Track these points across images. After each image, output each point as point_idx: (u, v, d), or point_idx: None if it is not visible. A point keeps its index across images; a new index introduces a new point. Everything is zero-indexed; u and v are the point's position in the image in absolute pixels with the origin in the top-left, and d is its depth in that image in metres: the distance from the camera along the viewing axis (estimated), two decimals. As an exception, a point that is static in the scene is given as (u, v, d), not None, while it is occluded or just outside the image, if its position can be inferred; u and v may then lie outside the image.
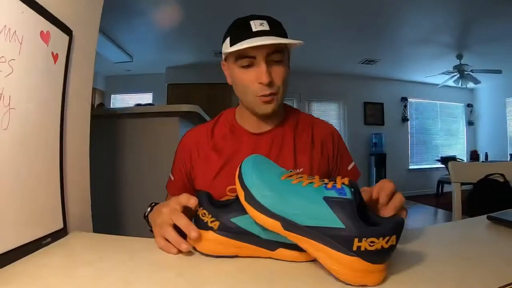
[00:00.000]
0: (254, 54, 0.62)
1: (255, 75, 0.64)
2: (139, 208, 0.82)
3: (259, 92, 0.65)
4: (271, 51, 0.63)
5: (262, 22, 0.63)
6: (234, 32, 0.65)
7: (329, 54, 4.43)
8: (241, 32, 0.62)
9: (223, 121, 0.78)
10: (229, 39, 0.65)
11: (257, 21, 0.63)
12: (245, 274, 0.41)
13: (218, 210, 0.47)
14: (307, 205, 0.39)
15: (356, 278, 0.36)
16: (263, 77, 0.62)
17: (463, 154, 6.17)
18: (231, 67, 0.68)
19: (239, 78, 0.66)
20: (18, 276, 0.41)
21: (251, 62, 0.63)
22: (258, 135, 0.74)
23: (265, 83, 0.63)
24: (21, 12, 0.49)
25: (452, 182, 1.23)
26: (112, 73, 5.17)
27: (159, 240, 0.50)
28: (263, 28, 0.62)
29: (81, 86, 0.73)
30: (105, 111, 2.20)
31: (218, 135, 0.75)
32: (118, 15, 3.15)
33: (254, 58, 0.63)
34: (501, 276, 0.38)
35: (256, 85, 0.64)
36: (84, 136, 0.75)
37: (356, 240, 0.36)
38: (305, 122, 0.78)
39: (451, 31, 3.53)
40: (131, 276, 0.40)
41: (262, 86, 0.64)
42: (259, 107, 0.67)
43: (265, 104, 0.66)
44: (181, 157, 0.77)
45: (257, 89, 0.65)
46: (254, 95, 0.66)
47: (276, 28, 0.64)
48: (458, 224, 0.75)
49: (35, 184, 0.54)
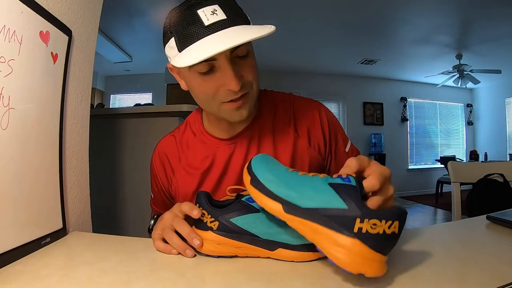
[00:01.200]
0: (214, 57, 0.46)
1: (220, 81, 0.51)
2: (138, 208, 0.82)
3: (227, 98, 0.53)
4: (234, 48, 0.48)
5: (214, 8, 0.47)
6: (180, 29, 0.49)
7: (328, 54, 4.43)
8: (190, 28, 0.47)
9: (190, 129, 0.68)
10: (173, 40, 0.50)
11: (207, 9, 0.47)
12: (244, 274, 0.41)
13: (218, 210, 0.47)
14: (311, 189, 0.39)
15: (355, 264, 0.35)
16: (232, 84, 0.50)
17: (463, 154, 6.18)
18: (185, 74, 0.55)
19: (197, 87, 0.54)
20: (18, 276, 0.41)
21: (211, 65, 0.50)
22: (232, 139, 0.63)
23: (236, 89, 0.50)
24: (20, 12, 0.49)
25: (451, 182, 1.23)
26: (111, 73, 5.17)
27: (158, 243, 0.49)
28: (218, 18, 0.47)
29: (80, 86, 0.73)
30: (104, 111, 2.20)
31: (188, 148, 0.66)
32: (118, 15, 3.15)
33: (215, 60, 0.49)
34: (501, 276, 0.38)
35: (222, 92, 0.52)
36: (84, 136, 0.75)
37: (358, 221, 0.35)
38: (284, 106, 0.66)
39: (451, 31, 3.54)
40: (131, 276, 0.40)
41: (231, 92, 0.51)
42: (230, 115, 0.56)
43: (236, 110, 0.54)
44: (155, 174, 0.70)
45: (223, 95, 0.52)
46: (220, 102, 0.53)
47: (233, 14, 0.49)
48: (458, 224, 0.75)
49: (35, 184, 0.54)
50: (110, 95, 5.41)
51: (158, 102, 5.00)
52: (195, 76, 0.52)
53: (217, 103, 0.54)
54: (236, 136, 0.63)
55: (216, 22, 0.47)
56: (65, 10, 0.64)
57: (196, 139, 0.66)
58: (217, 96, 0.53)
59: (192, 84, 0.55)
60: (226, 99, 0.53)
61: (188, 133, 0.67)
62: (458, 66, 4.34)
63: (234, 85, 0.50)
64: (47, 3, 0.58)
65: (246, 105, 0.55)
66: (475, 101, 6.30)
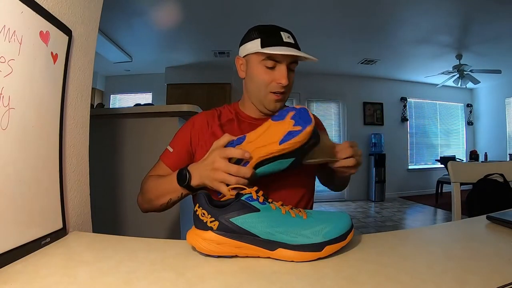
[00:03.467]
0: (280, 59, 0.73)
1: (276, 76, 0.74)
2: (138, 208, 0.83)
3: (274, 89, 0.75)
4: (292, 61, 0.74)
5: (289, 35, 0.75)
6: (265, 36, 0.74)
7: (328, 54, 4.44)
8: (273, 39, 0.73)
9: (227, 109, 0.87)
10: (259, 40, 0.74)
11: (285, 33, 0.75)
12: (244, 274, 0.41)
13: (218, 210, 0.47)
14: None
15: None
16: (283, 79, 0.73)
17: (463, 154, 6.18)
18: (253, 64, 0.76)
19: (260, 75, 0.75)
20: (18, 276, 0.41)
21: (275, 64, 0.74)
22: (259, 119, 0.82)
23: (285, 84, 0.73)
24: (20, 12, 0.49)
25: (451, 182, 1.23)
26: (111, 73, 5.17)
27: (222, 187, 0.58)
28: (290, 41, 0.74)
29: (80, 86, 0.73)
30: (104, 111, 2.20)
31: (225, 119, 0.84)
32: (118, 15, 3.15)
33: (279, 62, 0.73)
34: (501, 276, 0.38)
35: (273, 84, 0.75)
36: (84, 136, 0.75)
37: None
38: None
39: (451, 31, 3.54)
40: (131, 276, 0.40)
41: (279, 85, 0.74)
42: (269, 103, 0.77)
43: (276, 101, 0.77)
44: (189, 130, 0.82)
45: (273, 87, 0.75)
46: (269, 91, 0.76)
47: (297, 43, 0.76)
48: (458, 224, 0.75)
49: (35, 184, 0.54)
50: (110, 95, 5.41)
51: (158, 102, 5.00)
52: (261, 67, 0.75)
53: (266, 91, 0.76)
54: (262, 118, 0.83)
55: (289, 42, 0.73)
56: (65, 10, 0.64)
57: (232, 114, 0.85)
58: (269, 86, 0.75)
59: (255, 73, 0.76)
60: (274, 90, 0.75)
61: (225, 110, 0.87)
62: (458, 66, 4.34)
63: (284, 80, 0.73)
64: (47, 3, 0.58)
65: (282, 102, 0.79)
66: (475, 101, 6.30)
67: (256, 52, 0.74)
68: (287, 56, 0.72)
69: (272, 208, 0.47)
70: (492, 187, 1.24)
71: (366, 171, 5.42)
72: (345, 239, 0.47)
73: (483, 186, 1.25)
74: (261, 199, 0.47)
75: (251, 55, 0.76)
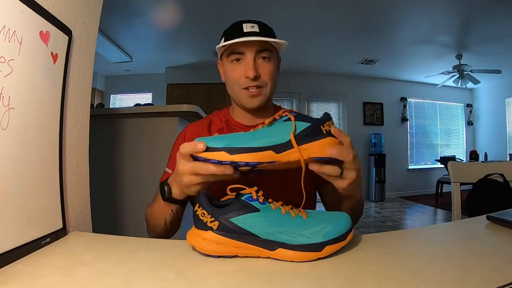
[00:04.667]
0: (242, 50, 0.69)
1: (243, 69, 0.70)
2: (138, 208, 0.82)
3: (245, 85, 0.70)
4: (260, 49, 0.69)
5: (253, 25, 0.70)
6: (227, 32, 0.73)
7: (328, 54, 4.44)
8: (235, 32, 0.69)
9: (217, 117, 0.83)
10: (223, 39, 0.72)
11: (248, 24, 0.70)
12: (245, 274, 0.41)
13: (218, 210, 0.47)
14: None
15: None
16: (250, 71, 0.68)
17: (463, 154, 6.19)
18: (224, 63, 0.75)
19: (229, 72, 0.72)
20: (18, 276, 0.41)
21: (240, 57, 0.70)
22: (250, 126, 0.76)
23: (251, 77, 0.68)
24: (20, 12, 0.49)
25: (451, 182, 1.23)
26: (111, 73, 5.18)
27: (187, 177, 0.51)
28: (254, 30, 0.69)
29: (80, 86, 0.73)
30: (104, 111, 2.20)
31: (215, 129, 0.79)
32: (118, 15, 3.15)
33: (243, 54, 0.69)
34: (501, 276, 0.38)
35: (243, 79, 0.70)
36: (84, 136, 0.75)
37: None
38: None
39: (451, 31, 3.54)
40: (131, 276, 0.40)
41: (248, 79, 0.69)
42: (246, 101, 0.72)
43: (251, 98, 0.72)
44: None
45: (244, 82, 0.70)
46: (241, 88, 0.71)
47: (266, 31, 0.71)
48: (458, 224, 0.75)
49: (35, 184, 0.54)
50: (110, 95, 5.42)
51: (158, 102, 5.00)
52: (229, 65, 0.72)
53: (239, 88, 0.72)
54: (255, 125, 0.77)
55: (251, 32, 0.68)
56: (65, 10, 0.64)
57: (222, 122, 0.81)
58: (239, 82, 0.71)
59: (226, 71, 0.74)
60: (245, 85, 0.70)
61: (215, 119, 0.83)
62: (458, 66, 4.34)
63: (250, 72, 0.68)
64: (47, 3, 0.58)
65: (259, 97, 0.72)
66: (475, 101, 6.30)
67: (223, 51, 0.72)
68: (250, 46, 0.68)
69: (272, 208, 0.47)
70: (492, 187, 1.24)
71: (366, 171, 5.42)
72: (345, 239, 0.47)
73: (483, 186, 1.25)
74: (261, 199, 0.47)
75: (222, 56, 0.75)
